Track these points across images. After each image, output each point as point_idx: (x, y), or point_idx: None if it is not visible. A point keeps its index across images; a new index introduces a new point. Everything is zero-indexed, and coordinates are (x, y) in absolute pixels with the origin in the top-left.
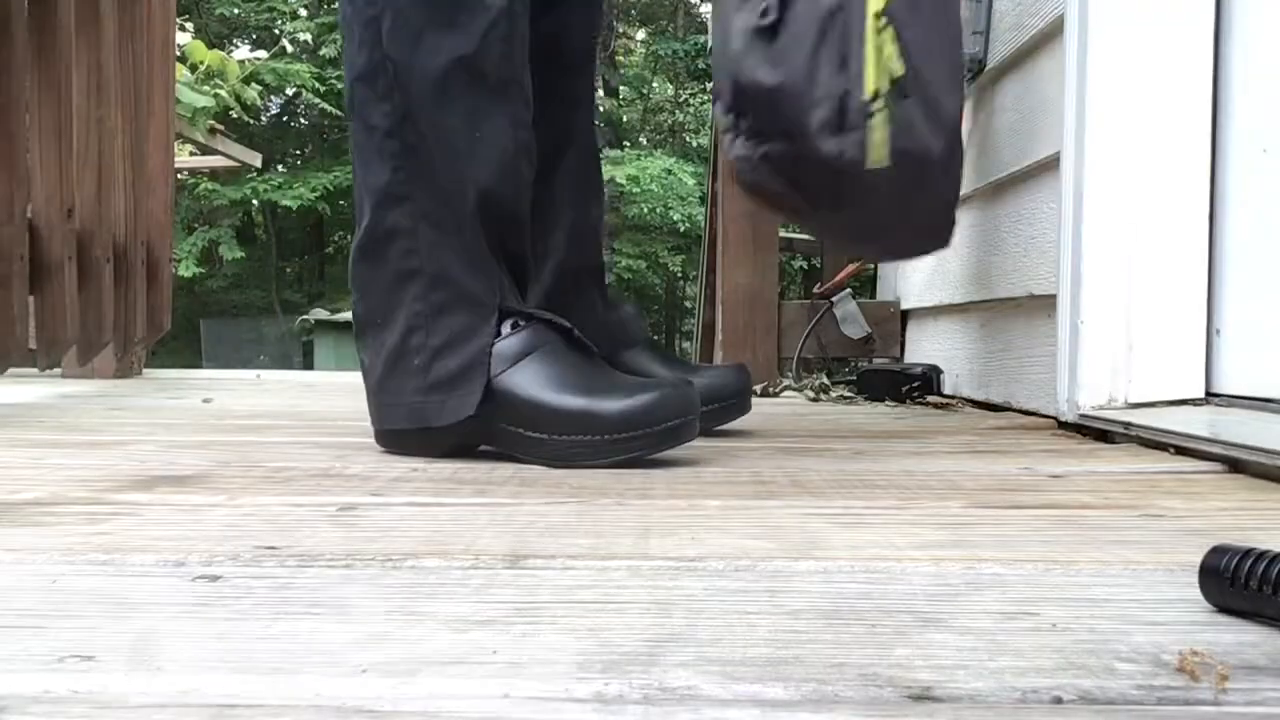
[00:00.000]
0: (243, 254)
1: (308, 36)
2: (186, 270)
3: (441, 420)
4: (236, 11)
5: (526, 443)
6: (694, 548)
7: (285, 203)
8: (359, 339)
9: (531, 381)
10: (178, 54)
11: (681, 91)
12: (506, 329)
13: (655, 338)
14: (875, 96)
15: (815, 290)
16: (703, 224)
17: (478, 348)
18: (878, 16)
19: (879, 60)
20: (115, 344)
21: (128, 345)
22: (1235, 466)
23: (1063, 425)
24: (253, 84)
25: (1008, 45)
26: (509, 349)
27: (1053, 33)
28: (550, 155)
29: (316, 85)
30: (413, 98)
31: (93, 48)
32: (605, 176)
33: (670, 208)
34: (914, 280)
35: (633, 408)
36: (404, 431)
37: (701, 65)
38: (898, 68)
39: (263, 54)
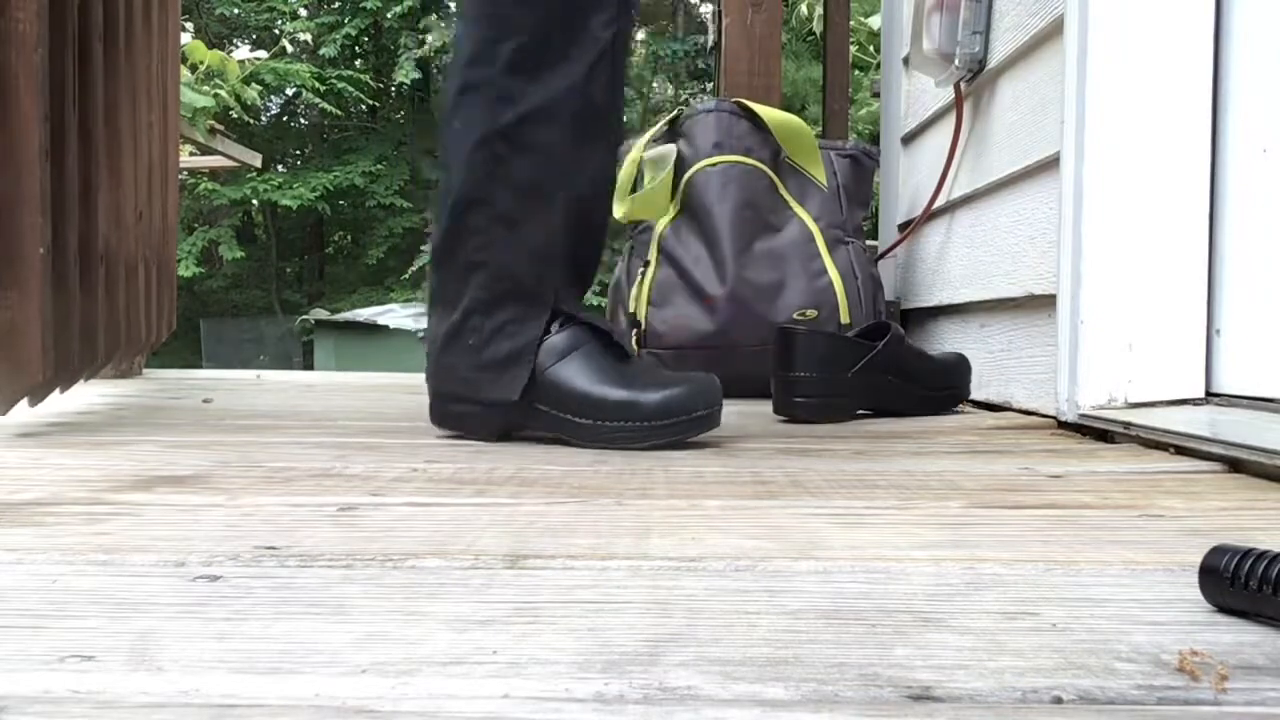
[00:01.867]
0: (243, 254)
1: (308, 36)
2: (186, 270)
3: (490, 395)
4: (236, 11)
5: (575, 427)
6: (694, 548)
7: (285, 202)
8: (429, 309)
9: (579, 374)
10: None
11: (682, 91)
12: (555, 327)
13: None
14: None
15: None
16: None
17: (526, 339)
18: None
19: None
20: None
21: (152, 345)
22: (1235, 466)
23: (1063, 425)
24: (253, 84)
25: (1008, 45)
26: (557, 344)
27: (1053, 33)
28: None
29: (316, 85)
30: (521, 116)
31: (145, 52)
32: None
33: None
34: (914, 280)
35: (670, 398)
36: (460, 414)
37: (701, 65)
38: None
39: (263, 54)
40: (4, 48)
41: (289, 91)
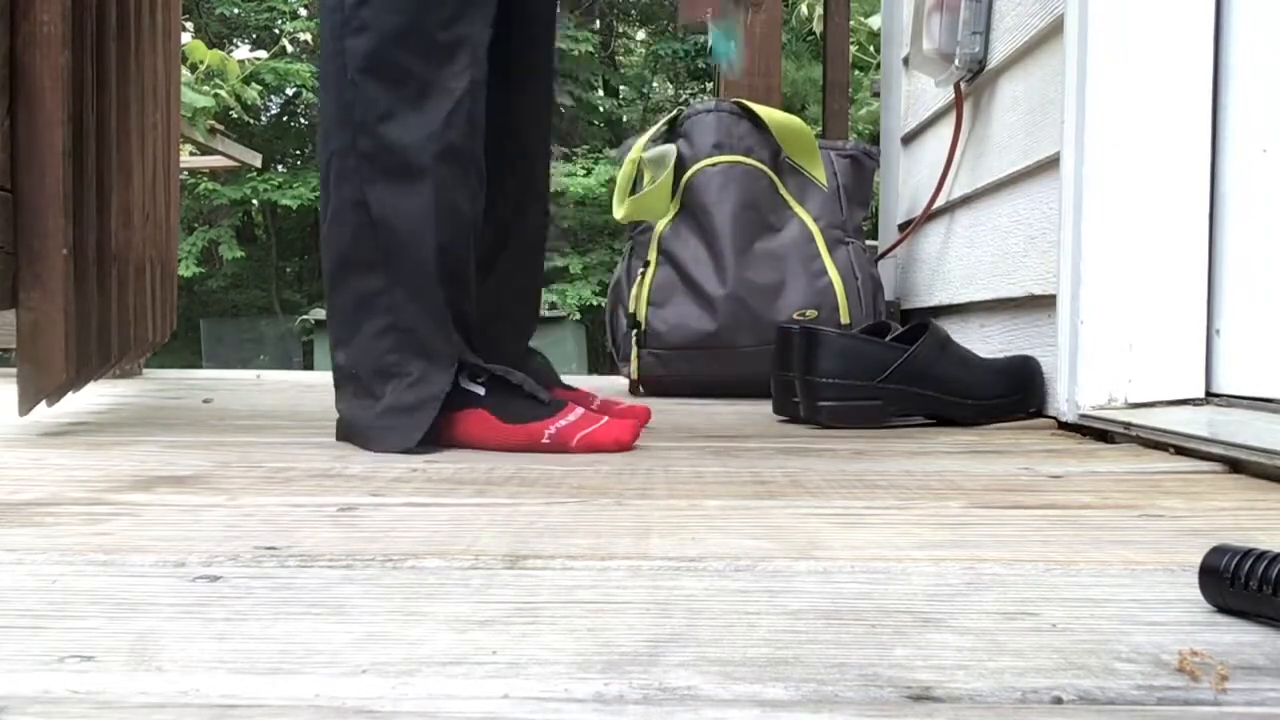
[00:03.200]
0: (243, 254)
1: (308, 36)
2: (186, 270)
3: (385, 446)
4: (236, 11)
5: None
6: (694, 548)
7: (285, 202)
8: (340, 383)
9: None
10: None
11: (682, 91)
12: (464, 378)
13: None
14: None
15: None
16: None
17: (432, 392)
18: None
19: None
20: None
21: (155, 346)
22: (1235, 466)
23: (1063, 425)
24: (253, 84)
25: (1008, 45)
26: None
27: (1053, 32)
28: (492, 247)
29: (316, 85)
30: (382, 172)
31: (150, 53)
32: (605, 177)
33: None
34: (914, 280)
35: None
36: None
37: (701, 65)
38: None
39: (263, 54)
40: (29, 49)
41: (289, 91)
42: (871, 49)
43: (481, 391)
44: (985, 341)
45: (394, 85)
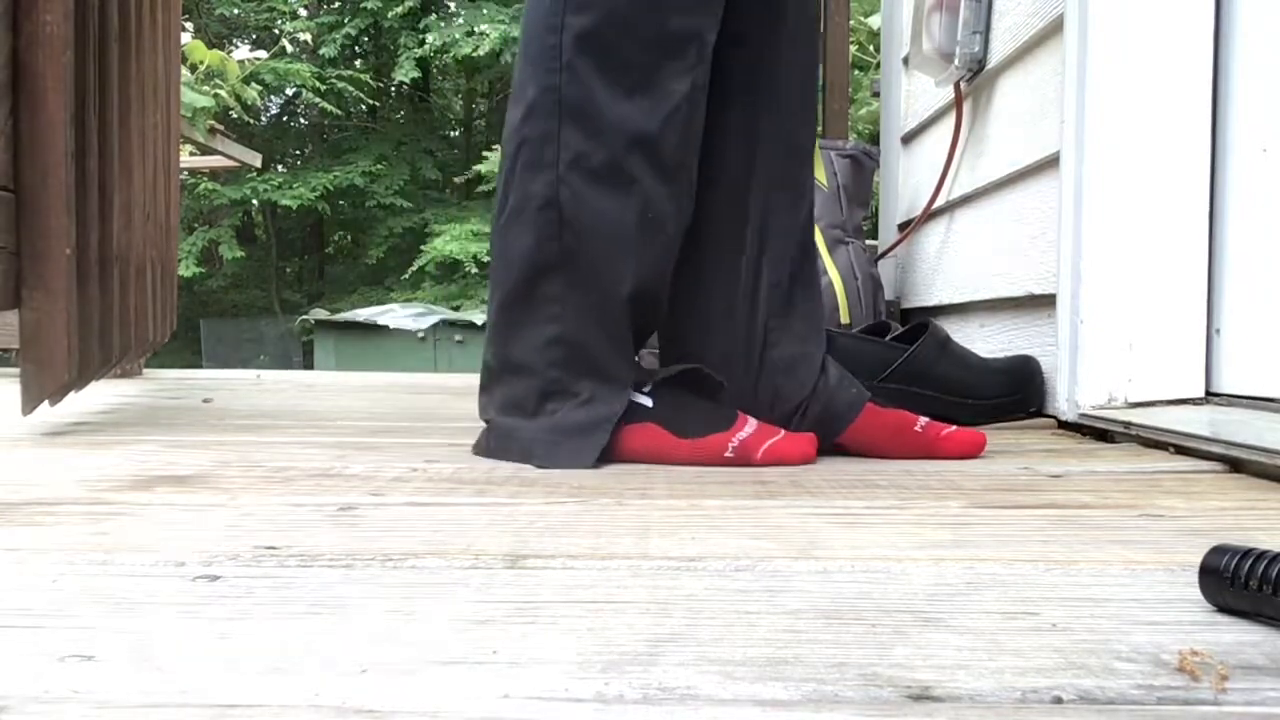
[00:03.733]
0: (243, 254)
1: (308, 36)
2: (186, 270)
3: (550, 463)
4: (236, 11)
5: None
6: (694, 548)
7: (285, 202)
8: (489, 388)
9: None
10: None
11: None
12: (640, 396)
13: None
14: None
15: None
16: None
17: (605, 414)
18: None
19: None
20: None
21: (155, 346)
22: (1235, 466)
23: (1063, 425)
24: (253, 84)
25: (1008, 44)
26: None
27: (1053, 32)
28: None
29: (316, 85)
30: (583, 168)
31: (151, 53)
32: None
33: None
34: (914, 280)
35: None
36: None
37: None
38: None
39: (263, 54)
40: (32, 49)
41: (289, 91)
42: (871, 49)
43: (649, 403)
44: (985, 341)
45: (612, 74)
